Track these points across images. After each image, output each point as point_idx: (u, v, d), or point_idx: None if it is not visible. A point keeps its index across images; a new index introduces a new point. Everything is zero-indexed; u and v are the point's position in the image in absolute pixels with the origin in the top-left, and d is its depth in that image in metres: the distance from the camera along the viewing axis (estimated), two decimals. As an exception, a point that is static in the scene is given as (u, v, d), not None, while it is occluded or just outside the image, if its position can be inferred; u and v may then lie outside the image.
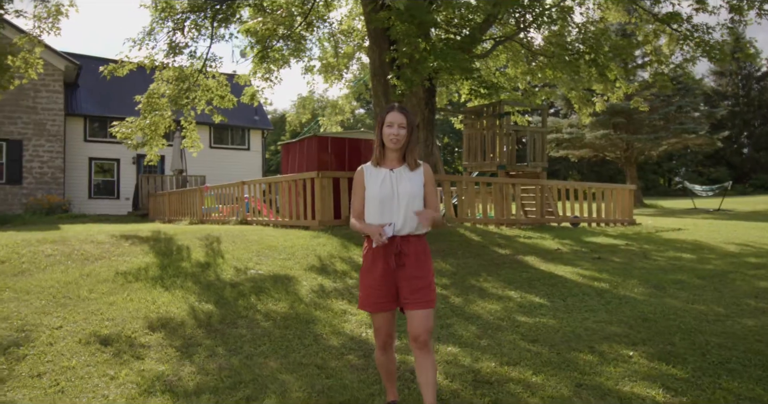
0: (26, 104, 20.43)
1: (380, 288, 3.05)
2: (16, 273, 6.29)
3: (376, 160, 3.13)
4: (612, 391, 3.59)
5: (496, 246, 8.63)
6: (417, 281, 3.03)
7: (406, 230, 3.04)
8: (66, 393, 3.51)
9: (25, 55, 8.77)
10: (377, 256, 3.06)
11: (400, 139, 3.04)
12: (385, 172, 3.09)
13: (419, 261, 3.07)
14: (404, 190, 3.04)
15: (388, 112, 3.10)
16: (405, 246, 3.03)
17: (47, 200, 19.62)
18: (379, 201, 3.04)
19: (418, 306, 3.01)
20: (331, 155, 10.40)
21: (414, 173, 3.10)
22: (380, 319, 3.12)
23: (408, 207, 3.02)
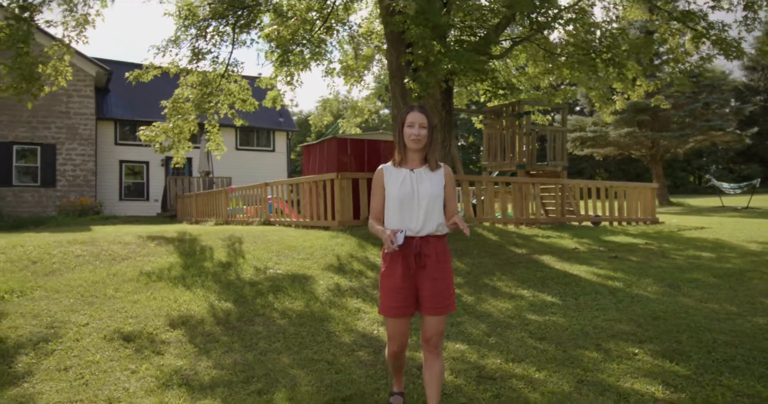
0: (59, 109, 21.07)
1: (400, 291, 3.01)
2: (47, 273, 6.59)
3: (398, 160, 3.12)
4: (612, 387, 3.68)
5: (512, 246, 8.69)
6: (438, 283, 3.01)
7: (426, 231, 3.01)
8: (90, 386, 3.73)
9: (55, 63, 9.12)
10: (396, 258, 3.02)
11: (421, 139, 3.04)
12: (406, 172, 3.07)
13: (440, 262, 3.04)
14: (425, 191, 3.02)
15: (409, 112, 3.08)
16: (425, 248, 3.00)
17: (80, 202, 20.21)
18: (399, 201, 3.01)
19: (436, 312, 3.01)
20: (351, 156, 10.58)
21: (434, 174, 3.09)
22: (397, 325, 3.09)
23: (428, 208, 3.00)
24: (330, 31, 10.77)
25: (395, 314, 3.04)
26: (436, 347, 3.04)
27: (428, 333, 3.03)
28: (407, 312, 3.05)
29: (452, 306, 3.06)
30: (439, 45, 7.82)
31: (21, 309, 5.25)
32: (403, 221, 3.00)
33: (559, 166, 12.95)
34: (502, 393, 3.62)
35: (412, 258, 2.98)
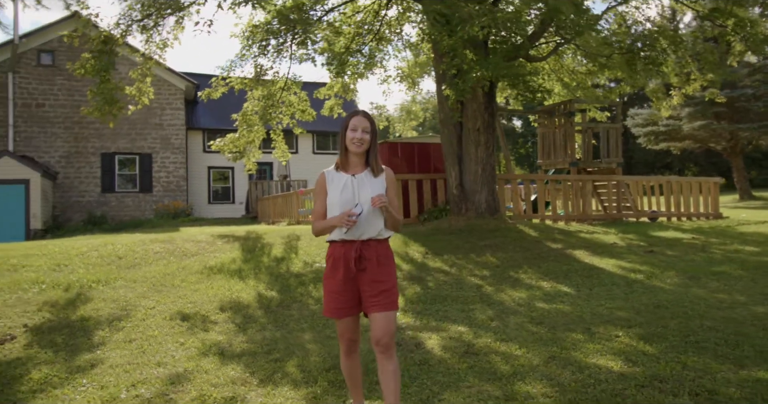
0: (154, 122, 23.13)
1: (342, 293, 3.07)
2: (129, 266, 7.75)
3: (339, 164, 3.18)
4: (577, 362, 4.16)
5: (550, 241, 9.07)
6: (379, 285, 3.04)
7: (367, 235, 3.06)
8: (146, 353, 4.65)
9: (138, 84, 10.44)
10: (338, 261, 3.08)
11: (363, 142, 3.08)
12: (347, 178, 3.11)
13: (381, 265, 3.07)
14: (366, 196, 3.05)
15: (352, 117, 3.13)
16: (366, 251, 3.04)
17: (173, 206, 22.13)
18: (340, 206, 3.05)
19: (380, 309, 3.02)
20: (401, 159, 11.26)
21: (377, 179, 3.13)
22: (343, 325, 3.16)
23: (369, 213, 3.04)
24: (382, 42, 11.50)
25: (338, 315, 3.11)
26: (387, 348, 3.01)
27: (377, 334, 3.02)
28: (350, 312, 3.11)
29: (395, 305, 3.08)
30: (471, 54, 8.35)
31: (104, 295, 6.35)
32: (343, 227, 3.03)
33: (614, 162, 13.02)
34: (477, 365, 4.20)
35: (352, 262, 3.02)
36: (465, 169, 10.19)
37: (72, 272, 7.31)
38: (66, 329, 5.27)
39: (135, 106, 10.57)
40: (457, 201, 10.23)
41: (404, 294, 6.42)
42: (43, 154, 21.79)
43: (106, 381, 4.02)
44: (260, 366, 4.32)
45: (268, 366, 4.29)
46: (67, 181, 22.08)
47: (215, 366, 4.33)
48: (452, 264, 7.72)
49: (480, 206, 10.03)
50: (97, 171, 22.40)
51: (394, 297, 3.07)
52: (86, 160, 22.32)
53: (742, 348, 4.31)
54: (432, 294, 6.45)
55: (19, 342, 4.94)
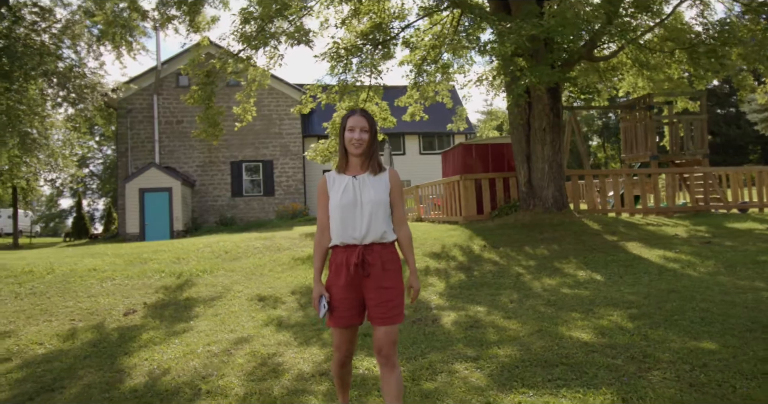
0: (274, 131, 25.51)
1: (344, 302, 2.94)
2: (231, 259, 9.34)
3: (340, 166, 3.07)
4: (557, 334, 4.92)
5: (609, 234, 9.48)
6: (384, 292, 2.92)
7: (370, 238, 2.94)
8: (224, 324, 6.02)
9: (243, 104, 12.17)
10: (340, 267, 2.96)
11: (362, 143, 2.97)
12: (348, 179, 3.00)
13: (386, 270, 2.95)
14: (368, 198, 2.95)
15: (350, 117, 3.02)
16: (369, 256, 2.92)
17: (291, 207, 24.31)
18: (341, 209, 2.95)
19: (385, 322, 2.91)
20: (476, 159, 12.05)
21: (378, 179, 3.01)
22: (343, 336, 3.02)
23: (372, 215, 2.93)
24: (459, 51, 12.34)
25: (340, 324, 2.98)
26: (389, 359, 2.92)
27: (378, 344, 2.93)
28: (352, 322, 2.98)
29: (400, 317, 2.96)
30: (522, 61, 9.01)
31: (206, 281, 7.92)
32: (346, 229, 2.94)
33: (699, 154, 12.84)
34: (471, 335, 5.09)
35: (355, 267, 2.91)
36: (533, 167, 10.81)
37: (186, 264, 9.01)
38: (173, 306, 6.82)
39: (241, 122, 12.35)
40: (525, 197, 10.88)
41: (448, 281, 7.36)
42: (183, 164, 24.88)
43: (190, 341, 5.41)
44: (304, 333, 5.51)
45: (309, 334, 5.48)
46: (203, 187, 25.02)
47: (271, 333, 5.59)
48: (504, 256, 8.49)
49: (547, 201, 10.61)
50: (228, 177, 25.15)
51: (399, 309, 2.96)
52: (218, 169, 25.14)
53: (712, 325, 4.83)
54: (473, 281, 7.32)
55: (138, 314, 6.54)
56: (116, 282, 7.95)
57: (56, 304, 6.91)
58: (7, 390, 4.41)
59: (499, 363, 4.23)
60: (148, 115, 24.75)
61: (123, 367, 4.78)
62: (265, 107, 25.08)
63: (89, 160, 47.96)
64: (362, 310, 3.00)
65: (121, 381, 4.43)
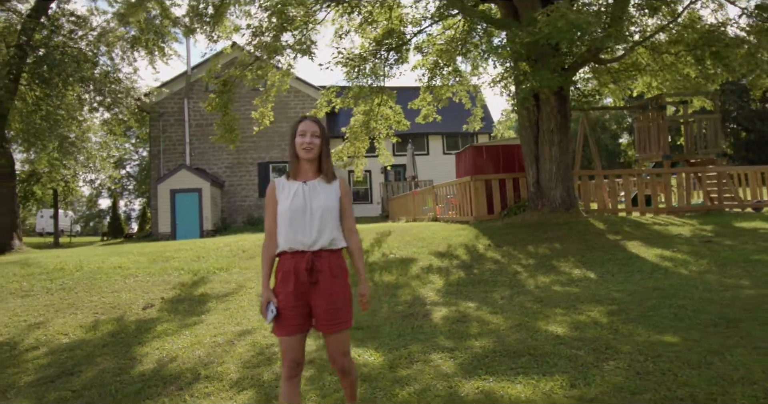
0: (300, 132, 26.06)
1: (292, 310, 2.91)
2: (247, 258, 9.85)
3: (291, 172, 3.07)
4: (534, 328, 5.24)
5: (612, 234, 9.69)
6: (332, 299, 2.93)
7: (319, 245, 2.92)
8: (233, 317, 6.50)
9: (261, 109, 12.70)
10: (288, 274, 2.93)
11: (313, 146, 2.98)
12: (298, 185, 3.00)
13: (334, 277, 2.95)
14: (318, 204, 2.95)
15: (300, 122, 3.04)
16: (318, 262, 2.91)
17: (317, 207, 24.83)
18: (291, 214, 2.93)
19: (334, 329, 2.94)
20: (487, 161, 12.33)
21: (330, 185, 3.03)
22: (289, 344, 2.94)
23: (321, 222, 2.93)
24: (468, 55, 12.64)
25: (287, 332, 2.93)
26: (343, 366, 3.03)
27: (332, 353, 3.01)
28: (300, 329, 2.96)
29: (348, 323, 2.99)
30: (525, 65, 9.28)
31: (221, 279, 8.43)
32: (295, 235, 2.92)
33: (712, 153, 12.88)
34: (455, 329, 5.45)
35: (303, 274, 2.89)
36: (541, 168, 11.06)
37: (205, 262, 9.55)
38: (188, 301, 7.34)
39: (258, 126, 12.89)
40: (533, 197, 11.13)
41: (447, 279, 7.71)
42: (212, 165, 25.68)
43: (199, 333, 5.89)
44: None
45: (308, 326, 5.91)
46: (232, 188, 25.77)
47: (273, 326, 6.04)
48: (506, 255, 8.80)
49: (555, 202, 10.85)
50: (255, 178, 25.85)
51: (347, 316, 2.99)
52: (246, 170, 25.87)
53: (681, 321, 5.09)
54: (471, 279, 7.66)
55: (155, 308, 7.06)
56: (138, 278, 8.52)
57: (82, 299, 7.50)
58: (32, 373, 4.95)
59: (472, 354, 4.58)
60: (179, 118, 25.61)
61: (136, 355, 5.28)
62: (291, 109, 25.70)
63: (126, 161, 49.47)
64: (309, 317, 2.98)
65: (132, 367, 4.93)
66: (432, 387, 3.92)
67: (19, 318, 6.77)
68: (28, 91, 22.19)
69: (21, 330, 6.34)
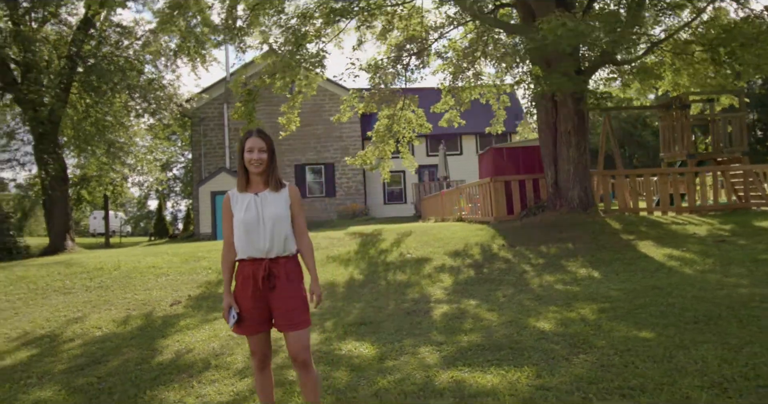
0: (335, 135, 26.70)
1: (252, 311, 3.16)
2: (273, 258, 10.37)
3: (240, 185, 3.25)
4: (523, 325, 5.53)
5: (627, 233, 9.80)
6: (289, 302, 3.16)
7: (274, 252, 3.15)
8: (250, 313, 6.98)
9: (288, 115, 13.26)
10: (247, 279, 3.16)
11: (261, 162, 3.17)
12: (250, 197, 3.20)
13: (291, 281, 3.18)
14: (269, 213, 3.16)
15: (248, 138, 3.22)
16: (274, 268, 3.15)
17: (351, 207, 25.41)
18: (245, 225, 3.15)
19: (293, 328, 3.17)
20: (507, 162, 12.55)
21: (278, 195, 3.24)
22: (254, 341, 3.26)
23: (274, 230, 3.15)
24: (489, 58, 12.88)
25: (249, 332, 3.23)
26: (305, 364, 3.21)
27: (292, 351, 3.21)
28: (261, 329, 3.23)
29: (306, 323, 3.23)
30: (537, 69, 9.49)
31: (245, 277, 8.95)
32: (251, 244, 3.14)
33: (738, 151, 12.75)
34: (450, 324, 5.78)
35: (261, 280, 3.12)
36: (559, 169, 11.24)
37: (233, 261, 10.11)
38: (212, 298, 7.88)
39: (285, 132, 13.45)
40: (552, 198, 11.32)
41: (456, 278, 8.03)
42: (250, 168, 26.49)
43: (217, 328, 6.40)
44: (313, 322, 6.36)
45: (314, 322, 6.31)
46: (269, 189, 26.54)
47: (285, 321, 6.50)
48: (517, 254, 9.05)
49: (573, 202, 11.02)
50: (292, 179, 26.54)
51: (305, 316, 3.23)
52: (283, 171, 26.58)
53: (665, 318, 5.31)
54: (480, 278, 7.97)
55: (182, 305, 7.63)
56: (170, 277, 9.14)
57: (117, 296, 8.14)
58: (66, 362, 5.53)
59: (458, 347, 4.92)
60: (218, 122, 26.55)
61: (158, 347, 5.82)
62: (326, 112, 26.28)
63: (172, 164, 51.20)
64: (269, 318, 3.23)
65: (152, 357, 5.46)
66: (411, 376, 4.29)
67: (60, 314, 7.44)
68: (78, 99, 23.39)
69: (61, 324, 6.98)
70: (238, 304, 3.21)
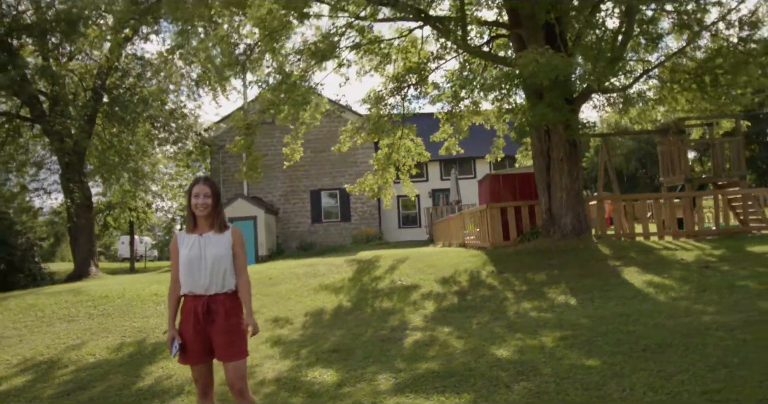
0: (350, 160, 27.19)
1: (193, 343, 3.48)
2: (271, 285, 10.74)
3: (188, 227, 3.63)
4: (483, 352, 5.74)
5: (615, 260, 9.92)
6: (227, 336, 3.48)
7: (213, 289, 3.49)
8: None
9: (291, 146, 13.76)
10: (189, 314, 3.51)
11: (206, 206, 3.52)
12: (195, 238, 3.56)
13: (229, 316, 3.51)
14: (211, 253, 3.50)
15: (194, 185, 3.56)
16: (213, 304, 3.48)
17: (365, 232, 25.76)
18: (188, 263, 3.49)
19: (230, 359, 3.50)
20: (504, 188, 12.79)
21: (221, 236, 3.58)
22: (197, 371, 3.58)
23: (214, 269, 3.48)
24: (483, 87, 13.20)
25: (192, 362, 3.56)
26: (241, 392, 3.53)
27: (229, 380, 3.54)
28: (203, 359, 3.55)
29: (243, 354, 3.56)
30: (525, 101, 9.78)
31: (240, 304, 9.32)
32: (193, 281, 3.49)
33: (735, 176, 12.78)
34: (417, 352, 6.03)
35: (201, 315, 3.45)
36: (553, 195, 11.44)
37: (232, 289, 10.50)
38: (204, 325, 8.25)
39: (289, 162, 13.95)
40: (546, 224, 11.50)
41: (439, 305, 8.28)
42: (267, 194, 27.13)
43: (201, 354, 6.75)
44: (290, 349, 6.69)
45: (293, 349, 6.65)
46: (286, 215, 27.10)
47: (265, 348, 6.82)
48: (503, 281, 9.25)
49: (565, 228, 11.19)
50: (308, 205, 27.09)
51: (243, 347, 3.56)
52: (299, 197, 27.16)
53: (619, 346, 5.48)
54: (462, 305, 8.20)
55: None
56: (169, 305, 9.55)
57: (117, 324, 8.57)
58: (55, 388, 5.94)
59: (413, 375, 5.18)
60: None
61: (142, 373, 6.19)
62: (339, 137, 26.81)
63: (197, 189, 52.35)
64: (211, 349, 3.53)
65: (134, 383, 5.83)
66: (359, 402, 4.57)
67: (61, 341, 7.88)
68: (102, 129, 24.34)
69: (59, 351, 7.41)
70: (182, 336, 3.53)
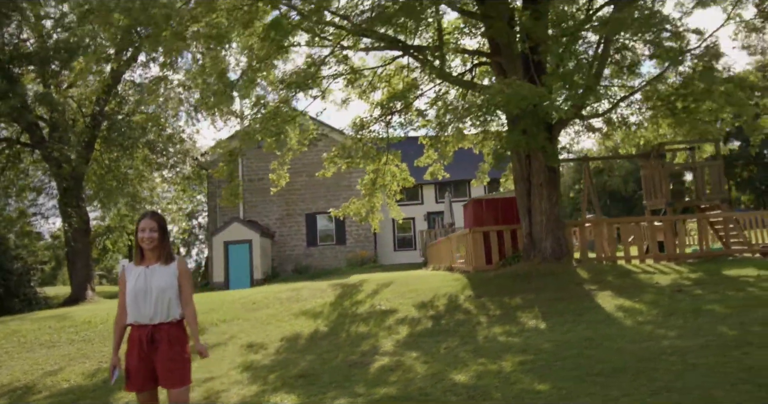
0: (344, 184, 27.40)
1: (138, 371, 3.65)
2: (253, 310, 10.86)
3: (136, 259, 3.80)
4: (443, 377, 5.84)
5: (591, 283, 10.01)
6: (171, 363, 3.64)
7: (158, 319, 3.65)
8: (208, 365, 7.41)
9: (278, 172, 14.01)
10: (134, 342, 3.68)
11: (153, 240, 3.70)
12: (141, 269, 3.73)
13: (173, 345, 3.66)
14: (156, 284, 3.67)
15: (141, 220, 3.76)
16: (157, 334, 3.63)
17: (360, 255, 25.85)
18: (134, 294, 3.66)
19: (173, 386, 3.66)
20: (487, 213, 12.96)
21: (167, 268, 3.75)
22: (142, 398, 3.75)
23: (158, 299, 3.65)
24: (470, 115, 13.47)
25: (136, 389, 3.73)
26: None
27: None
28: (148, 386, 3.71)
29: (186, 381, 3.73)
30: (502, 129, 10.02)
31: (218, 330, 9.45)
32: (138, 311, 3.66)
33: (716, 199, 12.93)
34: (378, 376, 6.15)
35: (145, 343, 3.62)
36: (533, 220, 11.58)
37: (215, 314, 10.62)
38: (181, 350, 8.36)
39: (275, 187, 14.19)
40: (527, 248, 11.63)
41: (413, 330, 8.38)
42: (263, 217, 27.33)
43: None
44: (259, 374, 6.81)
45: (262, 374, 6.77)
46: (282, 238, 27.25)
47: (236, 374, 6.94)
48: (479, 306, 9.35)
49: (545, 252, 11.31)
50: (303, 228, 27.25)
51: (186, 375, 3.74)
52: (295, 221, 27.34)
53: (574, 371, 5.58)
54: (434, 330, 8.30)
55: (151, 357, 8.13)
56: (150, 330, 9.68)
57: (95, 349, 8.69)
58: (24, 413, 6.06)
59: (370, 400, 5.30)
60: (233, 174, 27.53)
61: (111, 400, 6.32)
62: (336, 162, 27.09)
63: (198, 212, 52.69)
64: (155, 376, 3.69)
65: (101, 409, 5.95)
66: (311, 427, 4.68)
67: (39, 367, 8.01)
68: (100, 155, 24.65)
69: (36, 377, 7.54)
70: (127, 363, 3.71)
